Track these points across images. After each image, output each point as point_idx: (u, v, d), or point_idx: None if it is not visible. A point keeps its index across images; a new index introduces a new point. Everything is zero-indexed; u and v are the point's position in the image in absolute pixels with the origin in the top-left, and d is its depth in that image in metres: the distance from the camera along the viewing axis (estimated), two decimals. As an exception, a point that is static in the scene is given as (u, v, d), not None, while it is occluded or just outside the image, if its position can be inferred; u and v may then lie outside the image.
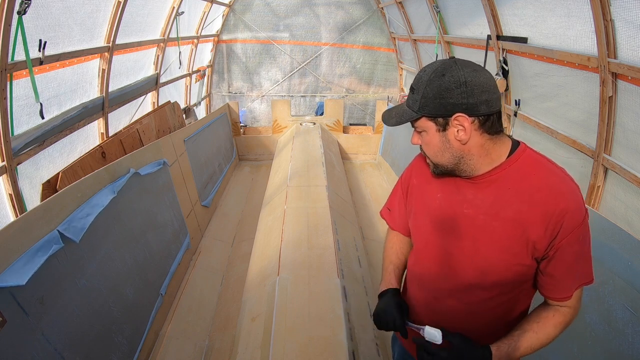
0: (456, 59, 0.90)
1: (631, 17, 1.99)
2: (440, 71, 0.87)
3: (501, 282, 0.95)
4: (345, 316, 1.92)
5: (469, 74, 0.86)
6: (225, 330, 2.43)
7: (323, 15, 6.99)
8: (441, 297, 1.05)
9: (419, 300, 1.12)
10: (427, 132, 0.94)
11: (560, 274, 0.91)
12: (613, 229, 1.50)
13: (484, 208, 0.93)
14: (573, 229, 0.86)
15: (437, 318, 1.06)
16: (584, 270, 0.92)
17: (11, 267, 1.37)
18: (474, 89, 0.85)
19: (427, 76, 0.89)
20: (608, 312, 1.47)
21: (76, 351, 1.63)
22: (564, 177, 0.90)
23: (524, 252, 0.90)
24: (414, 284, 1.15)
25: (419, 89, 0.90)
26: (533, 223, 0.88)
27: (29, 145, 2.58)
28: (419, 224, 1.09)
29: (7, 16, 2.12)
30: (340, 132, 5.81)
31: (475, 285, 0.98)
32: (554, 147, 2.94)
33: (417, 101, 0.91)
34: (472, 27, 3.94)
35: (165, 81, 5.08)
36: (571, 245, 0.88)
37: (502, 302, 0.99)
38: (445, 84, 0.86)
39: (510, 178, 0.91)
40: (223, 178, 4.65)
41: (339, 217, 3.08)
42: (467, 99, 0.85)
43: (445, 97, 0.86)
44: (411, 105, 0.93)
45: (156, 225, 2.60)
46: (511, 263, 0.92)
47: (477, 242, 0.95)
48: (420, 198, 1.09)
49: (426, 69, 0.91)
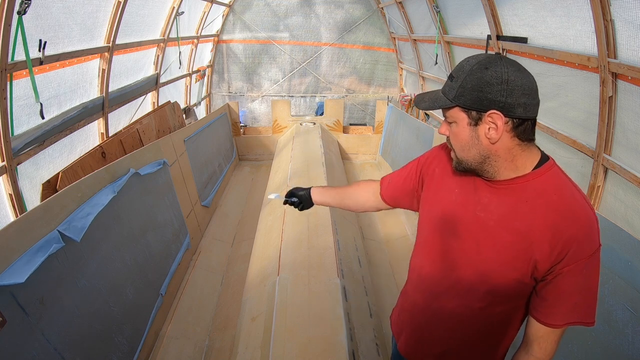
0: (502, 55, 0.86)
1: (631, 17, 1.99)
2: (485, 64, 0.84)
3: (496, 292, 0.93)
4: (345, 316, 1.92)
5: (512, 73, 0.82)
6: (225, 330, 2.43)
7: (323, 15, 6.99)
8: (435, 297, 1.05)
9: (415, 299, 1.12)
10: (457, 123, 0.90)
11: (553, 299, 0.87)
12: (613, 229, 1.50)
13: (496, 214, 0.90)
14: (579, 259, 0.83)
15: (427, 320, 1.08)
16: (584, 307, 0.87)
17: (11, 266, 1.37)
18: (514, 89, 0.82)
19: (470, 66, 0.85)
20: (608, 312, 1.47)
21: (76, 351, 1.63)
22: (584, 204, 0.85)
23: (525, 268, 0.88)
24: (412, 281, 1.15)
25: (459, 77, 0.86)
26: (541, 242, 0.84)
27: (29, 145, 2.58)
28: (429, 214, 1.06)
29: (7, 16, 2.11)
30: (340, 132, 5.81)
31: (469, 290, 0.97)
32: (554, 147, 2.94)
33: (454, 89, 0.87)
34: (472, 27, 3.94)
35: (165, 81, 5.08)
36: (574, 275, 0.84)
37: (493, 314, 0.98)
38: (487, 77, 0.83)
39: (530, 191, 0.87)
40: (223, 178, 4.65)
41: (339, 217, 3.08)
42: (506, 97, 0.82)
43: (485, 90, 0.83)
44: (447, 92, 0.89)
45: (156, 225, 2.60)
46: (510, 277, 0.90)
47: (480, 246, 0.93)
48: (437, 189, 1.05)
49: (470, 59, 0.87)
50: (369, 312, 2.32)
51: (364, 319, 2.20)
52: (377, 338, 2.16)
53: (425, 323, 1.10)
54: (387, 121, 5.48)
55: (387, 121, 5.48)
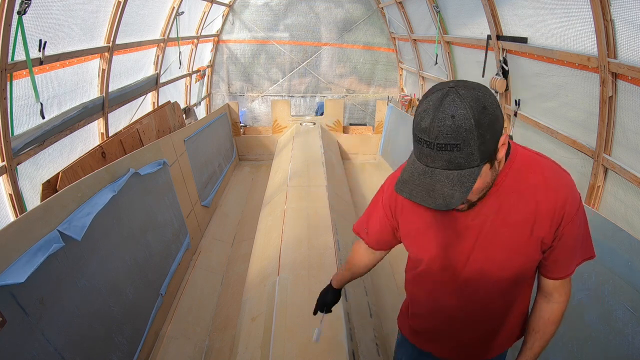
0: (452, 84, 0.77)
1: (631, 17, 1.99)
2: (478, 106, 0.74)
3: (512, 280, 0.98)
4: (345, 316, 1.92)
5: (486, 90, 0.77)
6: (225, 330, 2.43)
7: (323, 15, 6.99)
8: (453, 307, 1.07)
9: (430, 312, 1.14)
10: (481, 176, 0.79)
11: (563, 258, 0.94)
12: (613, 229, 1.50)
13: (490, 216, 0.92)
14: (572, 216, 0.89)
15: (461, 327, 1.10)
16: (584, 247, 0.95)
17: (11, 266, 1.37)
18: (497, 104, 0.77)
19: (470, 120, 0.72)
20: (608, 312, 1.47)
21: (76, 351, 1.63)
22: (555, 168, 0.92)
23: (535, 250, 0.92)
24: (420, 297, 1.16)
25: (469, 137, 0.73)
26: (540, 220, 0.89)
27: (29, 145, 2.58)
28: (422, 240, 1.04)
29: (7, 16, 2.12)
30: (340, 132, 5.81)
31: (485, 289, 1.00)
32: (554, 147, 2.94)
33: (475, 153, 0.75)
34: (472, 27, 3.94)
35: (165, 81, 5.08)
36: (572, 230, 0.91)
37: (514, 293, 1.02)
38: (493, 116, 0.75)
39: (511, 182, 0.89)
40: (223, 178, 4.65)
41: (339, 217, 3.07)
42: (500, 116, 0.78)
43: (499, 128, 0.77)
44: (466, 161, 0.75)
45: (156, 225, 2.60)
46: (521, 262, 0.94)
47: (486, 250, 0.94)
48: (418, 216, 1.02)
49: (454, 113, 0.73)
50: (369, 312, 2.32)
51: (364, 319, 2.20)
52: (377, 338, 2.16)
53: (458, 330, 1.11)
54: (387, 121, 5.48)
55: (387, 121, 5.48)
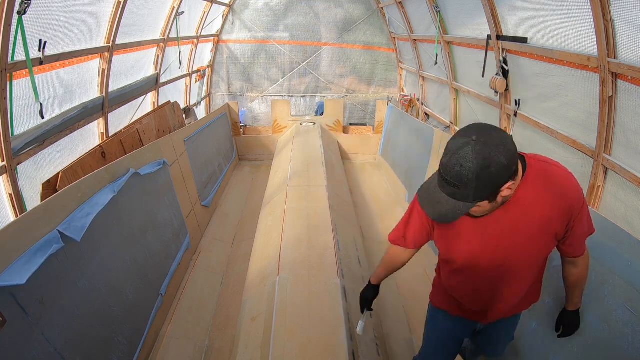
0: (477, 136, 0.95)
1: (631, 17, 1.99)
2: (483, 164, 0.93)
3: (535, 262, 1.25)
4: (345, 316, 1.92)
5: (502, 151, 0.94)
6: (225, 330, 2.43)
7: (323, 15, 6.99)
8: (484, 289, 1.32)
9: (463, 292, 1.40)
10: (479, 206, 1.04)
11: (577, 243, 1.20)
12: (613, 229, 1.50)
13: (515, 222, 1.12)
14: (579, 209, 1.11)
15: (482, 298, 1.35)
16: (589, 228, 1.19)
17: (11, 266, 1.37)
18: (511, 159, 0.95)
19: (472, 173, 0.94)
20: (608, 312, 1.47)
21: (76, 351, 1.63)
22: (563, 173, 1.11)
23: (551, 239, 1.16)
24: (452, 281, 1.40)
25: (468, 184, 0.97)
26: (556, 219, 1.11)
27: (29, 145, 2.58)
28: (460, 247, 1.25)
29: (7, 16, 2.12)
30: (340, 132, 5.81)
31: (519, 272, 1.24)
32: (554, 147, 2.94)
33: (470, 195, 0.99)
34: (472, 27, 3.94)
35: (165, 81, 5.08)
36: (580, 219, 1.13)
37: (532, 274, 1.29)
38: (494, 174, 0.95)
39: (528, 191, 1.08)
40: (223, 178, 4.65)
41: (339, 217, 3.07)
42: (510, 169, 0.97)
43: (497, 182, 0.97)
44: (462, 198, 1.01)
45: (156, 225, 2.60)
46: (543, 251, 1.20)
47: (506, 250, 1.17)
48: (454, 227, 1.22)
49: (463, 164, 0.95)
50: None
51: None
52: (377, 338, 2.16)
53: (486, 302, 1.36)
54: (387, 121, 5.48)
55: (387, 121, 5.48)
